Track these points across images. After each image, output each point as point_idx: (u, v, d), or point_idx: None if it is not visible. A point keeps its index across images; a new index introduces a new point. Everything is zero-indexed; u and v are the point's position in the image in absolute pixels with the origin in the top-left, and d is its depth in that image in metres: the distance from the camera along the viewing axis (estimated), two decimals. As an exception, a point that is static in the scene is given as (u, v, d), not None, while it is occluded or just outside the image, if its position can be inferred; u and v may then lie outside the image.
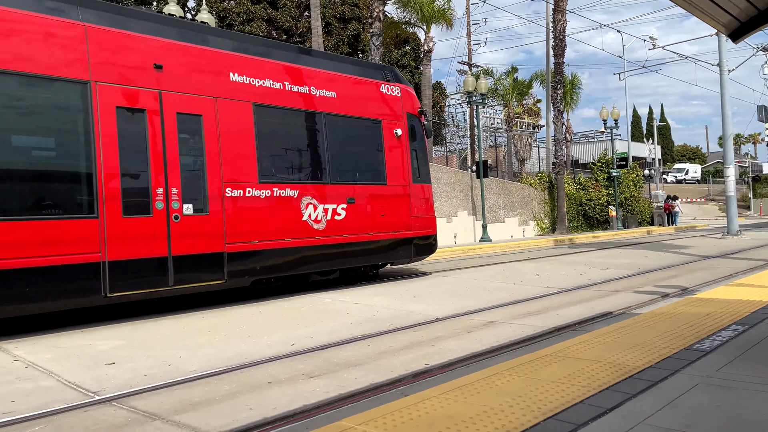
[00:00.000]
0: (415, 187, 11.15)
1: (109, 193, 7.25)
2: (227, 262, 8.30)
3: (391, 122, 10.91)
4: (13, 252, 6.41)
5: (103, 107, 7.32)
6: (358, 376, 4.77)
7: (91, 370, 5.16)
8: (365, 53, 25.70)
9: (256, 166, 8.77)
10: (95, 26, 7.43)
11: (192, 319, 7.61)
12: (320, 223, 9.54)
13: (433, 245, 11.54)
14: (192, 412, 4.02)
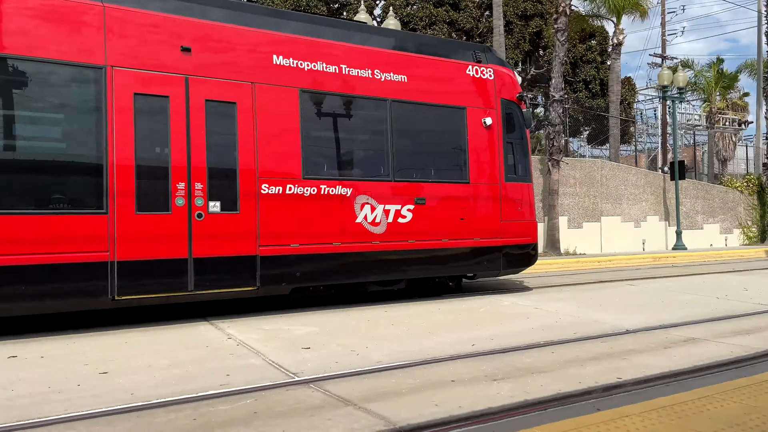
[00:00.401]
0: (508, 186, 9.51)
1: (121, 187, 6.72)
2: (260, 266, 7.48)
3: (478, 110, 9.33)
4: (11, 248, 6.12)
5: (119, 94, 6.82)
6: (544, 384, 4.62)
7: (291, 352, 5.64)
8: (548, 50, 24.86)
9: (300, 161, 7.87)
10: (114, 6, 6.93)
11: (376, 312, 7.96)
12: (379, 226, 8.40)
13: (531, 256, 9.87)
14: (380, 402, 4.20)
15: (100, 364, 5.20)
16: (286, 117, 7.84)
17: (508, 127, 9.62)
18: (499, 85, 9.61)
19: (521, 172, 9.82)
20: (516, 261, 9.62)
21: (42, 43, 6.44)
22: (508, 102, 9.66)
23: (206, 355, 5.55)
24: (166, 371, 4.98)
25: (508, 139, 9.65)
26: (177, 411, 4.04)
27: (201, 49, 7.39)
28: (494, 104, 9.50)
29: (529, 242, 9.82)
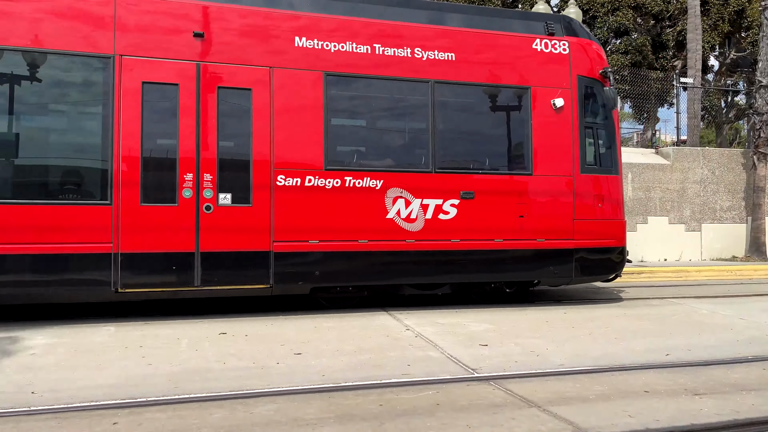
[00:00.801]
0: (584, 178, 8.20)
1: (125, 178, 6.64)
2: (274, 263, 7.10)
3: (546, 89, 8.16)
4: (14, 237, 6.26)
5: (127, 83, 6.73)
6: (756, 403, 4.11)
7: (468, 348, 5.63)
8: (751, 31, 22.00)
9: (321, 150, 7.33)
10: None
11: (554, 313, 7.67)
12: (414, 223, 7.63)
13: (615, 263, 8.36)
14: (565, 406, 4.03)
15: (294, 345, 5.64)
16: (308, 103, 7.36)
17: (586, 108, 8.37)
18: (576, 61, 8.34)
19: (604, 163, 8.47)
20: (593, 267, 8.31)
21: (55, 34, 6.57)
22: (588, 80, 8.38)
23: (387, 344, 5.75)
24: (352, 357, 5.25)
25: (587, 123, 8.38)
26: (364, 395, 4.24)
27: (215, 34, 7.10)
28: (567, 82, 8.24)
29: (613, 245, 8.33)
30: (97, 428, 3.57)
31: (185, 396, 4.17)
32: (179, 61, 6.96)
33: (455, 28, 7.98)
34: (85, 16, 6.65)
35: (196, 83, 7.00)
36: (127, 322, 6.72)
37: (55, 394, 4.14)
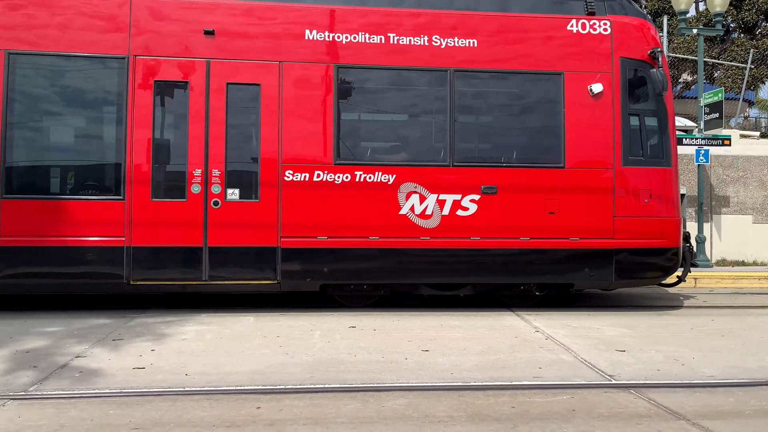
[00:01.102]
0: (627, 171, 7.50)
1: (137, 174, 6.88)
2: (281, 259, 7.07)
3: (582, 74, 7.55)
4: (33, 230, 6.65)
5: (140, 83, 6.97)
6: None
7: (603, 353, 5.35)
8: None
9: (331, 144, 7.22)
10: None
11: (700, 319, 7.09)
12: (430, 219, 7.31)
13: (664, 267, 7.58)
14: (720, 421, 3.70)
15: (421, 342, 5.68)
16: (317, 95, 7.27)
17: (632, 94, 7.68)
18: (620, 42, 7.63)
19: (653, 153, 7.69)
20: (638, 270, 7.56)
21: None
22: (634, 62, 7.63)
23: (516, 345, 5.62)
24: (481, 356, 5.19)
25: (633, 110, 7.69)
26: (495, 396, 4.16)
27: (224, 30, 7.17)
28: (609, 66, 7.58)
29: (662, 246, 7.53)
30: (242, 411, 3.81)
31: (320, 386, 4.34)
32: (189, 59, 7.13)
33: (477, 13, 7.57)
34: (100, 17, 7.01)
35: (205, 80, 7.14)
36: (265, 312, 7.13)
37: (205, 377, 4.48)
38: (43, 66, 6.94)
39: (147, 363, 4.79)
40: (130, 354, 5.07)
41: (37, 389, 4.14)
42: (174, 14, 7.14)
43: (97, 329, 5.96)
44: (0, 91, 6.77)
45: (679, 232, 7.69)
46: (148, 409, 3.80)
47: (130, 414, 3.69)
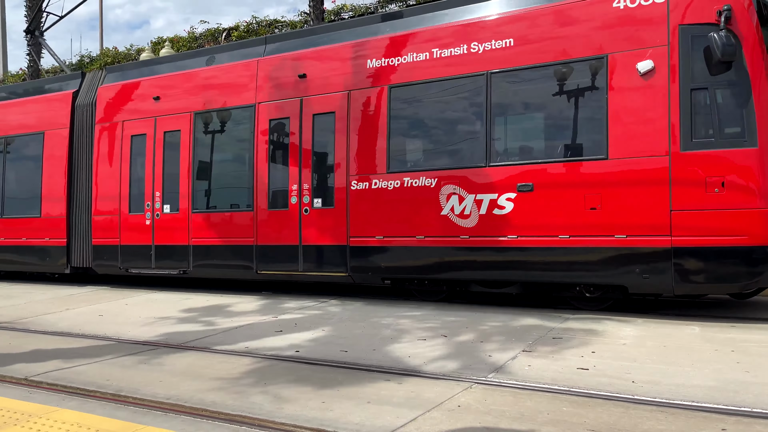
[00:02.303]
0: (688, 157, 6.36)
1: (259, 192, 9.14)
2: (350, 256, 8.36)
3: (629, 54, 6.75)
4: (209, 233, 9.58)
5: (260, 122, 9.15)
6: None
7: None
8: None
9: (385, 155, 8.19)
10: (264, 58, 9.32)
11: None
12: (469, 219, 7.53)
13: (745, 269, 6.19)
14: None
15: None
16: (374, 114, 8.25)
17: (695, 66, 6.47)
18: (678, 7, 6.56)
19: (727, 133, 6.32)
20: (706, 273, 6.34)
21: None
22: (698, 27, 6.47)
23: None
24: None
25: (698, 85, 6.45)
26: None
27: (312, 72, 8.87)
28: (665, 38, 6.62)
29: (741, 244, 6.17)
30: (704, 430, 3.42)
31: (803, 416, 3.59)
32: (289, 100, 9.05)
33: (509, 14, 7.61)
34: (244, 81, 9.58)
35: (299, 114, 8.96)
36: (711, 323, 6.38)
37: (654, 387, 4.21)
38: (211, 118, 9.90)
39: (590, 365, 4.79)
40: (571, 354, 5.17)
41: (495, 377, 4.57)
42: (281, 64, 9.23)
43: (534, 328, 6.29)
44: (188, 142, 9.98)
45: (764, 225, 6.20)
46: (599, 412, 3.76)
47: (583, 414, 3.72)
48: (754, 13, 6.62)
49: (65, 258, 11.46)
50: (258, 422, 3.68)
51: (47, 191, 11.65)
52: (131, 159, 10.64)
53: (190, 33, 18.65)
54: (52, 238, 11.58)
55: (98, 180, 10.99)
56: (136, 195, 10.55)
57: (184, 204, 9.97)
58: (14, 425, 3.30)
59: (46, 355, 5.69)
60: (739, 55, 6.40)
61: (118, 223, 10.73)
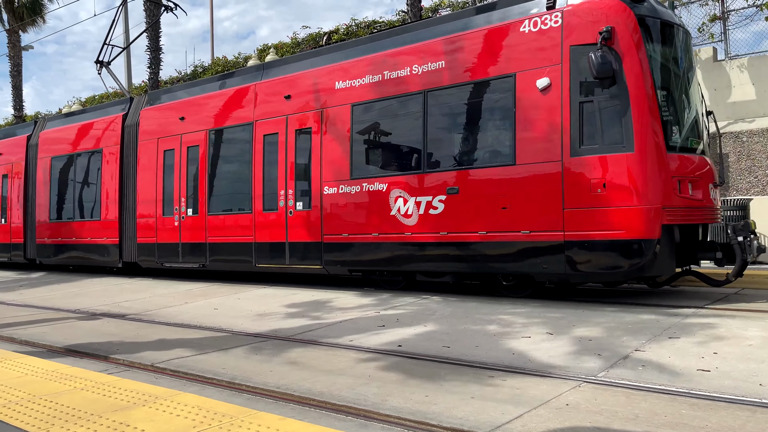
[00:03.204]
0: (576, 162, 7.23)
1: (256, 197, 10.74)
2: (324, 251, 9.70)
3: (532, 72, 7.66)
4: (220, 233, 11.32)
5: (257, 137, 10.80)
6: None
7: None
8: None
9: (348, 163, 9.41)
10: (260, 82, 11.00)
11: None
12: (411, 218, 8.68)
13: (624, 260, 6.96)
14: None
15: None
16: (341, 128, 9.54)
17: (582, 82, 7.31)
18: (570, 30, 7.45)
19: (610, 140, 7.14)
20: (593, 263, 7.20)
21: None
22: (585, 48, 7.28)
23: None
24: None
25: (586, 98, 7.29)
26: None
27: (294, 93, 10.24)
28: (558, 57, 7.51)
29: (620, 237, 6.97)
30: None
31: None
32: (277, 117, 10.55)
33: (446, 38, 8.58)
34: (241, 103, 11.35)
35: (285, 130, 10.39)
36: None
37: (788, 392, 3.85)
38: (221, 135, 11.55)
39: (711, 366, 4.46)
40: (689, 354, 4.84)
41: (605, 376, 4.37)
42: (272, 88, 10.74)
43: (648, 324, 5.96)
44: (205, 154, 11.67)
45: (646, 222, 6.92)
46: (723, 415, 3.50)
47: (705, 417, 3.47)
48: (637, 33, 7.28)
49: (118, 254, 13.52)
50: (363, 413, 3.76)
51: (104, 199, 13.82)
52: (164, 170, 12.53)
53: (293, 38, 19.37)
54: (108, 237, 13.73)
55: (140, 188, 12.97)
56: (168, 200, 12.42)
57: (202, 208, 11.74)
58: (143, 405, 3.58)
59: (168, 344, 6.13)
60: (618, 70, 7.17)
61: (155, 224, 12.65)
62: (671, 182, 7.09)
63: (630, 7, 7.34)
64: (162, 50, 20.18)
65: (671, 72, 7.78)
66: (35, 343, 6.41)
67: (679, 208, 7.16)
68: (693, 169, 7.49)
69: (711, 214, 7.74)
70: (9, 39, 26.95)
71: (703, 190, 7.53)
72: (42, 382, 4.22)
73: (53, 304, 9.74)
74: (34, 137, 16.36)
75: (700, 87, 8.71)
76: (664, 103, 7.48)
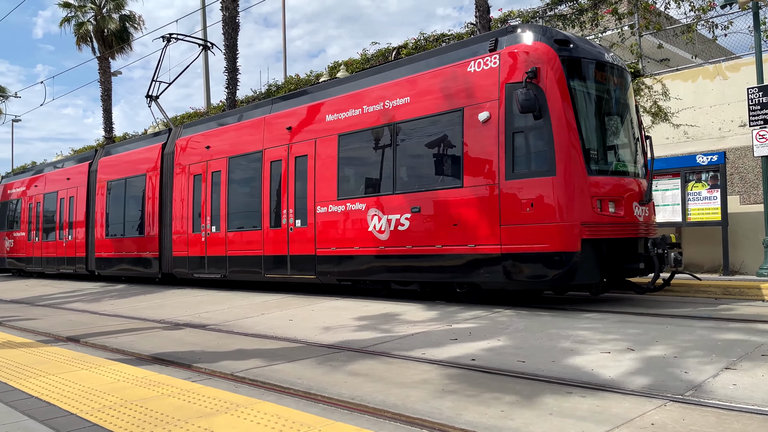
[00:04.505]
0: (510, 185, 8.32)
1: (265, 216, 12.32)
2: (317, 263, 11.04)
3: (475, 107, 8.80)
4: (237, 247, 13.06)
5: (265, 163, 12.36)
6: None
7: None
8: None
9: (336, 186, 10.76)
10: (269, 115, 12.66)
11: None
12: (384, 234, 9.80)
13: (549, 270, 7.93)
14: None
15: None
16: (330, 155, 10.97)
17: (515, 115, 8.33)
18: (505, 70, 8.56)
19: (537, 165, 8.18)
20: (523, 272, 8.23)
21: None
22: (516, 85, 8.33)
23: None
24: None
25: (518, 129, 8.35)
26: None
27: (295, 125, 11.83)
28: (494, 94, 8.62)
29: (546, 250, 7.95)
30: None
31: None
32: (281, 146, 12.06)
33: (412, 76, 9.92)
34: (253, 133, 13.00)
35: (287, 157, 11.84)
36: None
37: None
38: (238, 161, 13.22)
39: (812, 387, 4.15)
40: (786, 373, 4.52)
41: (693, 395, 4.15)
42: (277, 120, 12.30)
43: (738, 343, 5.63)
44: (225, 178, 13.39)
45: (565, 236, 7.83)
46: (828, 441, 3.24)
47: (807, 442, 3.23)
48: (560, 72, 8.19)
49: (158, 266, 15.38)
50: (438, 426, 3.74)
51: (147, 217, 15.76)
52: (193, 192, 14.35)
53: (362, 55, 19.71)
54: (150, 251, 15.60)
55: (175, 208, 14.85)
56: (196, 219, 14.22)
57: (222, 225, 13.41)
58: (225, 413, 3.71)
59: (247, 354, 6.33)
60: (543, 105, 8.09)
61: (186, 239, 14.43)
62: (590, 201, 7.98)
63: (555, 50, 8.35)
64: (239, 71, 21.02)
65: (598, 104, 8.74)
66: (125, 351, 6.78)
67: (599, 224, 8.00)
68: (613, 189, 8.33)
69: (634, 229, 8.48)
70: (99, 65, 28.87)
71: (626, 208, 8.35)
72: (132, 388, 4.46)
73: (140, 314, 10.27)
74: (94, 164, 18.65)
75: (638, 115, 9.66)
76: (589, 132, 8.41)
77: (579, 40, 8.91)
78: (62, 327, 8.88)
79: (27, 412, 3.90)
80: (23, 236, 22.23)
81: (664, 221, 11.85)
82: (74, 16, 28.89)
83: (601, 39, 14.99)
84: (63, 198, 19.77)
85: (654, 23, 14.32)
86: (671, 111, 13.28)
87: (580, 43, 8.77)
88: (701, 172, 11.56)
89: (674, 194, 11.85)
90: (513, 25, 9.40)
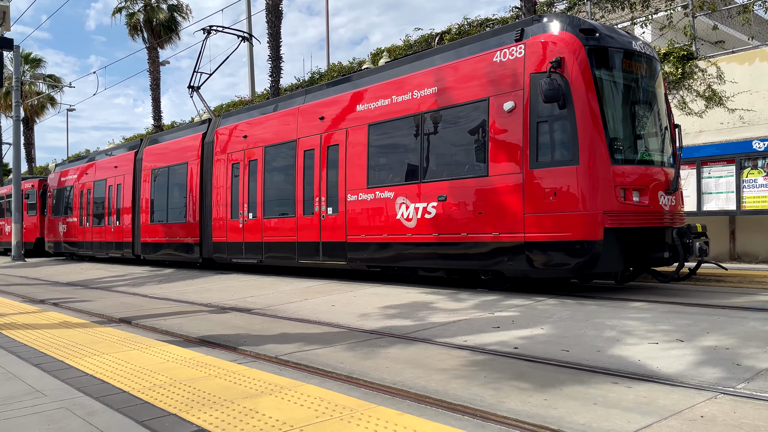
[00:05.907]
0: (534, 174, 8.39)
1: (298, 203, 12.54)
2: (347, 249, 11.21)
3: (501, 96, 8.86)
4: (272, 233, 13.35)
5: (299, 152, 12.59)
6: None
7: None
8: None
9: (366, 174, 10.93)
10: (302, 105, 12.81)
11: None
12: (411, 222, 9.96)
13: (571, 258, 8.02)
14: None
15: None
16: (360, 144, 11.12)
17: (539, 104, 8.33)
18: (531, 60, 8.56)
19: (560, 155, 8.22)
20: (546, 260, 8.29)
21: None
22: (542, 75, 8.28)
23: None
24: None
25: (542, 118, 8.36)
26: None
27: (326, 115, 12.04)
28: (519, 84, 8.64)
29: (568, 239, 8.01)
30: None
31: None
32: (313, 136, 12.27)
33: (444, 64, 9.89)
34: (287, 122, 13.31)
35: (319, 146, 12.04)
36: None
37: None
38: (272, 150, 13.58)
39: None
40: None
41: (745, 388, 4.02)
42: (310, 110, 12.45)
43: (797, 335, 5.39)
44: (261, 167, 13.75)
45: (589, 225, 7.88)
46: None
47: None
48: (585, 62, 8.17)
49: (199, 251, 15.94)
50: (480, 413, 3.73)
51: (188, 204, 16.28)
52: (232, 180, 14.71)
53: (405, 41, 19.60)
54: (192, 237, 16.15)
55: (214, 195, 15.25)
56: (234, 206, 14.59)
57: (259, 212, 13.80)
58: (269, 394, 3.79)
59: (290, 338, 6.44)
60: (567, 94, 8.09)
61: (225, 226, 14.82)
62: (614, 191, 7.99)
63: (580, 39, 8.33)
64: (282, 59, 21.21)
65: (625, 93, 8.65)
66: (174, 333, 6.99)
67: (622, 213, 8.01)
68: (638, 179, 8.30)
69: (659, 218, 8.41)
70: (149, 55, 29.59)
71: (651, 197, 8.31)
72: (181, 369, 4.60)
73: (187, 297, 10.56)
74: (139, 152, 19.24)
75: (668, 103, 9.44)
76: (615, 121, 8.38)
77: (606, 29, 8.86)
78: (115, 309, 9.22)
79: (82, 389, 4.07)
80: (75, 222, 23.15)
81: (717, 209, 11.45)
82: (125, 7, 29.67)
83: (652, 21, 14.49)
84: (111, 185, 20.55)
85: (708, 3, 13.75)
86: (726, 95, 12.78)
87: (606, 32, 8.72)
88: (757, 158, 11.12)
89: (728, 181, 11.42)
90: (539, 15, 9.39)
